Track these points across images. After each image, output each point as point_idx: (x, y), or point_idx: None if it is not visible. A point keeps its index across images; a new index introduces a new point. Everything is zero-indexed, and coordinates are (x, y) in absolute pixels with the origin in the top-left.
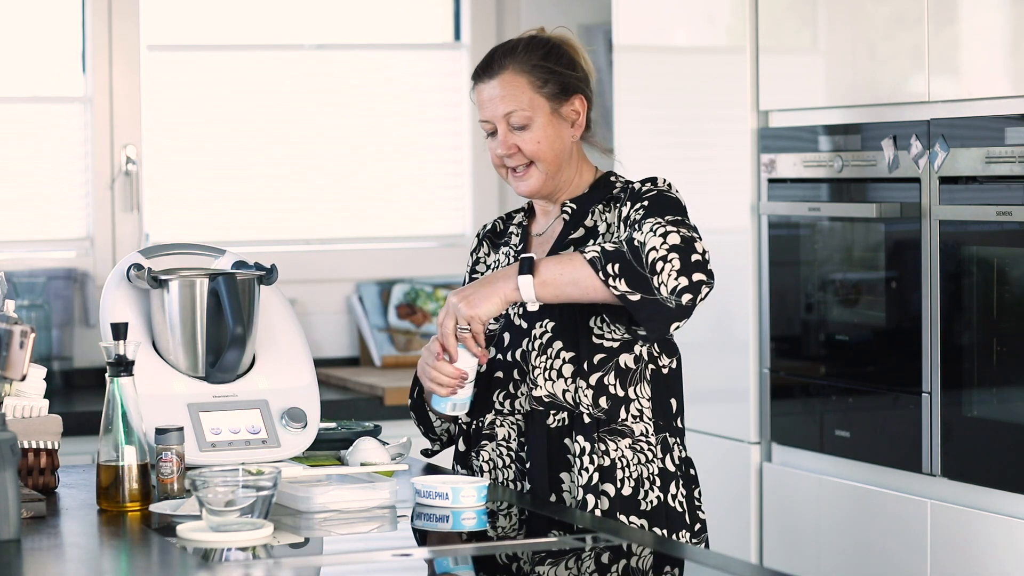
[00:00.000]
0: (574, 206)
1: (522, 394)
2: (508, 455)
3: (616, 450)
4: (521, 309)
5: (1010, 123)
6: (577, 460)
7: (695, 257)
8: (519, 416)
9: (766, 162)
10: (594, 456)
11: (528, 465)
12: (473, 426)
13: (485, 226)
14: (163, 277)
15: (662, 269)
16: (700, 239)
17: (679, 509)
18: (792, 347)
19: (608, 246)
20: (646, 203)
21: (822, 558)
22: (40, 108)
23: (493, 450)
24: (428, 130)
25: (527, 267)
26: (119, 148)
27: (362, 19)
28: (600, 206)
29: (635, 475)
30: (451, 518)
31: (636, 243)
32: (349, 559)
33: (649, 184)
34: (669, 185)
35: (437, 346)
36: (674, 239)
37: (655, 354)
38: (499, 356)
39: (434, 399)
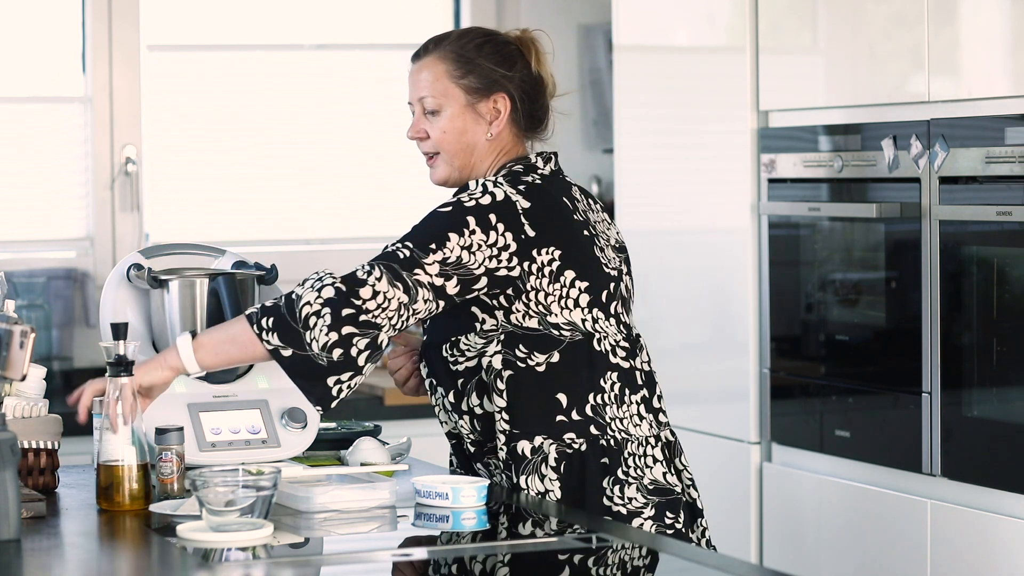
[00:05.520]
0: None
1: None
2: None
3: (497, 468)
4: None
5: (1010, 123)
6: None
7: (347, 311)
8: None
9: (766, 162)
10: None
11: None
12: None
13: None
14: (163, 277)
15: (315, 324)
16: (376, 279)
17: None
18: (792, 347)
19: (269, 301)
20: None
21: (822, 558)
22: (40, 108)
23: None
24: None
25: (193, 333)
26: (119, 148)
27: (362, 19)
28: None
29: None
30: (451, 518)
31: (293, 296)
32: (349, 559)
33: (458, 196)
34: (484, 193)
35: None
36: (329, 292)
37: (520, 356)
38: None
39: None
